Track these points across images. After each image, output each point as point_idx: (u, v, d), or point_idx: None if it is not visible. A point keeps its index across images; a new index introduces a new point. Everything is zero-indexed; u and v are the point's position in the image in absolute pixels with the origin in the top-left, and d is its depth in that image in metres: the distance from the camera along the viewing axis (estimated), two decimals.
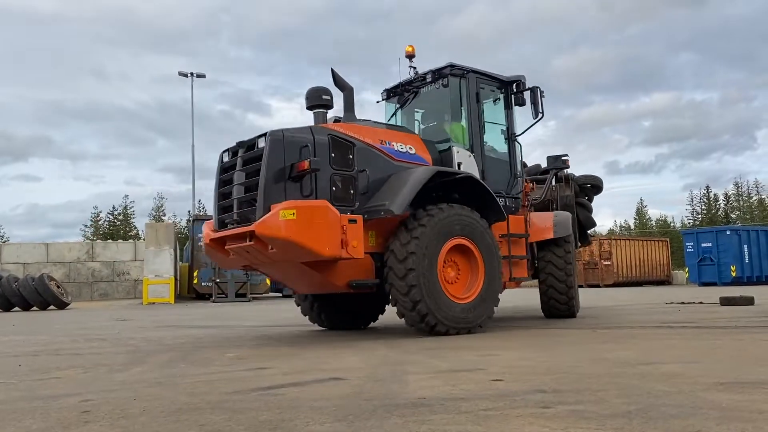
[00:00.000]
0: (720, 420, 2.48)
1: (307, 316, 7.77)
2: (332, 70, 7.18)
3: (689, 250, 30.03)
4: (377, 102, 8.55)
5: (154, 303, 18.36)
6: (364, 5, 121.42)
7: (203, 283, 19.55)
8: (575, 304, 8.48)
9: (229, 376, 3.98)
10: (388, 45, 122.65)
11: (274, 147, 6.05)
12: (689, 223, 67.08)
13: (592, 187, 10.12)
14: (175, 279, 20.23)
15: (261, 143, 6.17)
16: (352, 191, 6.36)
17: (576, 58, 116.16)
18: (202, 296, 19.95)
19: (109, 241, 35.59)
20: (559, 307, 8.34)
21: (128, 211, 63.22)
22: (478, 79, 7.82)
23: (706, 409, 2.69)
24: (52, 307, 16.59)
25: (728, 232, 29.28)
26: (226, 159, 6.63)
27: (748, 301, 10.59)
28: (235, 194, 6.26)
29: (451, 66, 7.62)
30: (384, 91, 8.48)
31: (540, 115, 8.02)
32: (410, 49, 8.16)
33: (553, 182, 9.52)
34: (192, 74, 33.24)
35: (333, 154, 6.29)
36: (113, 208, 63.00)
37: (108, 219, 62.55)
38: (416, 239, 6.20)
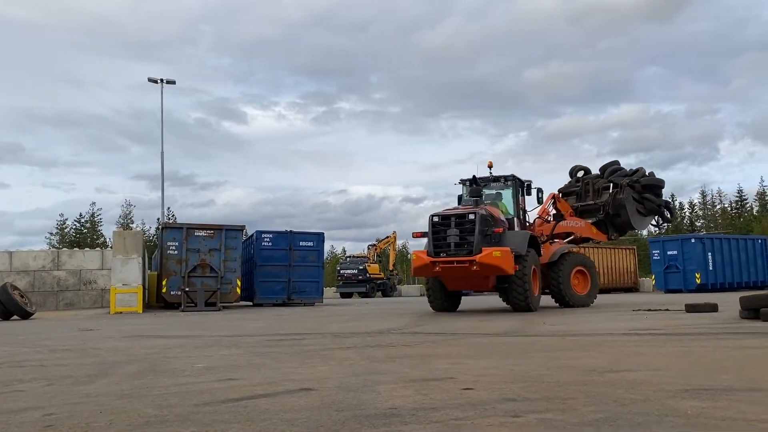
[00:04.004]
0: (685, 427, 2.53)
1: (432, 305, 14.03)
2: (474, 177, 14.05)
3: (656, 257, 30.61)
4: (454, 184, 14.87)
5: (121, 312, 17.99)
6: (342, 17, 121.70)
7: (172, 292, 19.21)
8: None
9: (199, 388, 3.92)
10: (365, 56, 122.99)
11: (479, 219, 12.36)
12: (656, 231, 68.31)
13: (655, 186, 16.03)
14: (144, 288, 19.88)
15: (471, 216, 12.46)
16: (496, 240, 12.52)
17: (548, 70, 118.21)
18: (171, 305, 19.60)
19: (75, 249, 34.88)
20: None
21: (96, 219, 62.11)
22: (520, 182, 14.38)
23: (671, 416, 2.74)
24: (15, 317, 16.18)
25: (693, 240, 29.92)
26: (437, 221, 12.78)
27: (712, 308, 10.81)
28: (451, 240, 12.52)
29: (513, 175, 14.31)
30: (461, 179, 14.68)
31: (540, 204, 14.97)
32: (490, 163, 14.58)
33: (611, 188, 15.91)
34: (162, 80, 32.84)
35: (495, 222, 12.81)
36: (80, 215, 61.83)
37: (74, 227, 61.34)
38: (526, 267, 12.59)
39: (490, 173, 14.58)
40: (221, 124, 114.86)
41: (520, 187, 14.52)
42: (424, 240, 13.47)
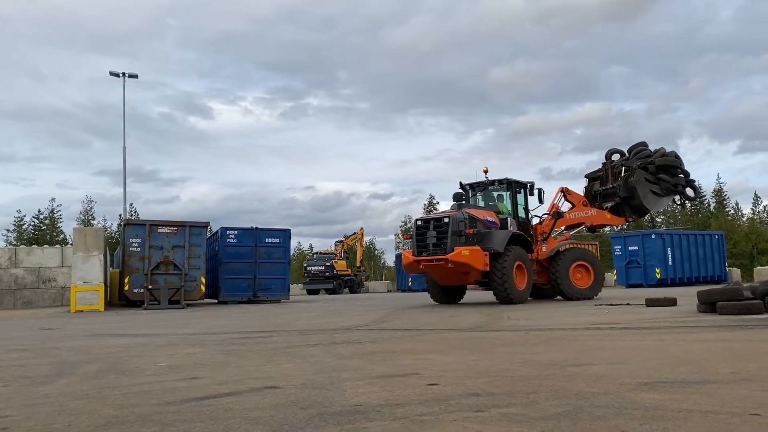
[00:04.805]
0: (643, 420, 2.59)
1: (432, 298, 15.78)
2: (461, 183, 15.91)
3: (617, 253, 31.26)
4: (459, 188, 16.01)
5: (82, 311, 17.62)
6: (311, 12, 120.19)
7: (135, 290, 18.87)
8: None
9: (161, 387, 3.87)
10: (333, 51, 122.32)
11: (452, 222, 13.70)
12: (617, 227, 69.61)
13: (670, 166, 15.79)
14: (105, 286, 19.47)
15: (446, 219, 13.83)
16: (478, 240, 13.75)
17: (513, 69, 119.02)
18: (133, 303, 19.25)
19: (33, 246, 33.99)
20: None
21: (55, 215, 60.61)
22: (516, 184, 15.81)
23: (630, 409, 2.80)
24: None
25: (653, 236, 30.63)
26: (420, 224, 14.52)
27: (671, 302, 11.09)
28: (429, 241, 13.95)
29: (506, 178, 15.72)
30: (465, 183, 16.03)
31: (541, 203, 16.04)
32: (486, 168, 16.07)
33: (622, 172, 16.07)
34: (124, 74, 32.27)
35: (472, 224, 13.94)
36: (39, 212, 60.23)
37: (33, 223, 59.77)
38: (506, 263, 13.58)
39: (486, 178, 16.02)
40: (186, 119, 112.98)
41: (520, 188, 15.96)
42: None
